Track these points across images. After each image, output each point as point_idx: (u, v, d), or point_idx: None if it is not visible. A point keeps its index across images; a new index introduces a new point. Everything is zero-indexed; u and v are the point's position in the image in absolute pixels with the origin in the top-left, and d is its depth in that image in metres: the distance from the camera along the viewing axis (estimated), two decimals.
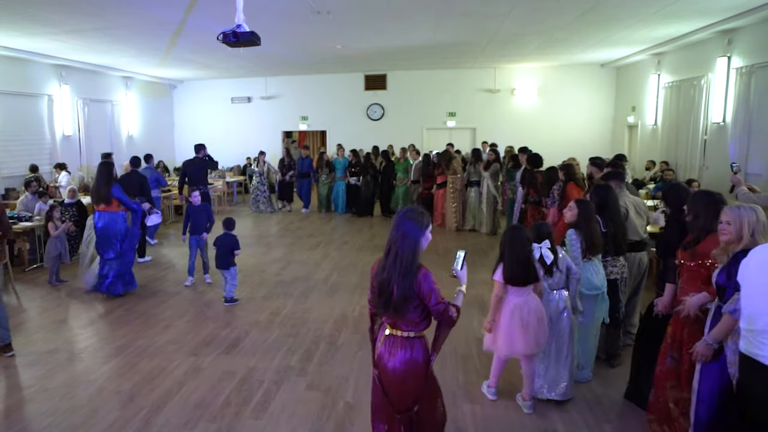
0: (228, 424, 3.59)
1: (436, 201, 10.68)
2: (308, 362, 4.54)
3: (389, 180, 11.64)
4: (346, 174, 12.08)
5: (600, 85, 14.13)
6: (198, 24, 8.11)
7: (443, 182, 10.37)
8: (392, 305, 2.52)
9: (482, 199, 9.95)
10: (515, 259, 3.52)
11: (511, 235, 3.58)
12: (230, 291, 6.07)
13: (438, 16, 8.15)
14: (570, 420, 3.61)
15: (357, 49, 11.09)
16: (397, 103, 15.18)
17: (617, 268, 4.30)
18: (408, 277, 2.49)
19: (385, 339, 2.66)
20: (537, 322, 3.55)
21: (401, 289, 2.49)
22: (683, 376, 3.12)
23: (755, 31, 8.07)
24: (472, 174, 10.08)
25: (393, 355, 2.61)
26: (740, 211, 2.74)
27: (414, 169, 11.24)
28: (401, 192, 11.56)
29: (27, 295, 6.50)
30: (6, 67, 10.21)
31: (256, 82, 15.84)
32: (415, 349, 2.61)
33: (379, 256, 2.70)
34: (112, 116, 13.57)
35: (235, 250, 6.05)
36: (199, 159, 9.47)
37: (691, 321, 3.10)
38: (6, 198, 10.00)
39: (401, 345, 2.61)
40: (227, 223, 6.13)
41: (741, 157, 8.26)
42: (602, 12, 7.81)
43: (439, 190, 10.58)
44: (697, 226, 3.12)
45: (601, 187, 4.43)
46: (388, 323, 2.65)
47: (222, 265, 6.03)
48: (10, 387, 4.14)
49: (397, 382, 2.61)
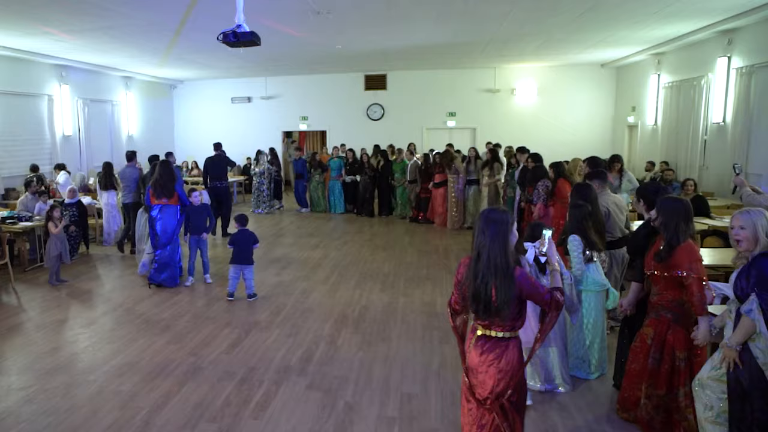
0: (228, 424, 3.59)
1: (434, 200, 10.70)
2: (308, 362, 4.54)
3: (387, 179, 11.68)
4: (341, 173, 12.15)
5: (600, 85, 14.13)
6: (198, 24, 8.11)
7: (441, 182, 10.39)
8: (494, 311, 2.46)
9: (482, 197, 10.02)
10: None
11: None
12: (252, 288, 6.17)
13: (438, 16, 8.15)
14: (570, 420, 3.61)
15: (357, 49, 11.09)
16: (397, 103, 15.18)
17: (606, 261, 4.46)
18: (506, 281, 2.43)
19: (477, 340, 2.59)
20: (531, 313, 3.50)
21: (502, 293, 2.43)
22: (662, 377, 3.23)
23: (755, 31, 8.07)
24: (470, 173, 10.13)
25: (487, 358, 2.55)
26: (751, 216, 2.75)
27: (410, 169, 11.28)
28: (399, 192, 11.61)
29: (27, 295, 6.49)
30: (6, 67, 10.22)
31: (256, 82, 15.84)
32: (510, 350, 2.55)
33: (379, 255, 2.71)
34: (112, 116, 13.58)
35: (255, 244, 6.16)
36: (219, 156, 9.93)
37: (674, 324, 3.18)
38: (6, 198, 10.01)
39: (496, 347, 2.55)
40: (240, 219, 6.20)
41: (741, 157, 8.27)
42: (602, 12, 7.81)
43: (437, 190, 10.58)
44: (667, 233, 3.13)
45: (583, 186, 4.53)
46: (481, 324, 2.58)
47: (245, 261, 6.10)
48: (11, 387, 4.14)
49: (490, 381, 2.54)
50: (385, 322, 5.47)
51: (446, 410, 3.74)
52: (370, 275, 7.19)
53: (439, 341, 4.95)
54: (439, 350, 4.76)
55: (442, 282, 6.85)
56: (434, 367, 4.42)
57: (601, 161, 6.05)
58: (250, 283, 6.17)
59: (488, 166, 9.87)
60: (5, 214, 7.79)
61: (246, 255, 6.09)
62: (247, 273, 6.15)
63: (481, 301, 2.47)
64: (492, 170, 9.80)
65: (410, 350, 4.77)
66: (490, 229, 2.47)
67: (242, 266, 6.12)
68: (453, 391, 4.01)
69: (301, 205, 12.74)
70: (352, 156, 12.28)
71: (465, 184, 10.17)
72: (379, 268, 7.55)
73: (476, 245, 2.51)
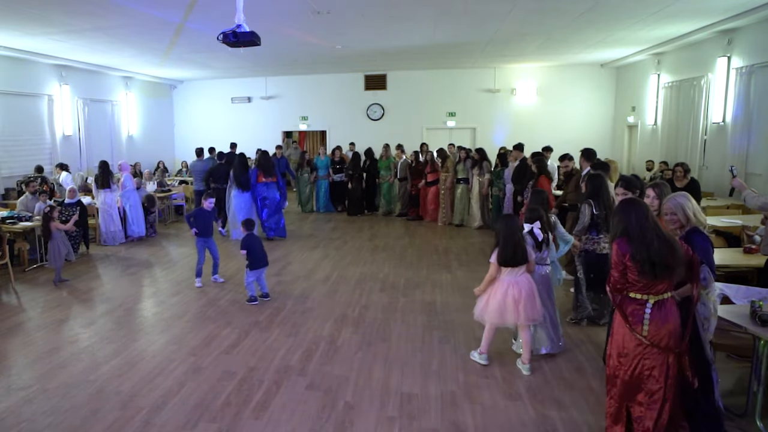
0: (228, 424, 3.59)
1: (425, 198, 11.12)
2: (308, 362, 4.54)
3: (373, 178, 12.07)
4: (328, 173, 12.35)
5: (600, 85, 14.13)
6: (198, 24, 8.11)
7: (433, 180, 10.85)
8: (677, 273, 2.92)
9: (471, 195, 10.47)
10: (508, 244, 4.12)
11: (505, 224, 4.23)
12: (265, 286, 6.19)
13: (438, 16, 8.15)
14: (570, 420, 3.61)
15: (357, 49, 11.09)
16: (397, 103, 15.18)
17: (608, 244, 4.80)
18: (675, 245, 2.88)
19: (655, 306, 2.92)
20: (527, 298, 4.12)
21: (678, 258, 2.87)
22: None
23: (755, 31, 8.08)
24: (459, 172, 10.54)
25: (667, 316, 2.92)
26: (678, 200, 3.28)
27: (400, 167, 11.70)
28: (385, 189, 12.03)
29: (27, 295, 6.50)
30: (6, 67, 10.22)
31: (256, 82, 15.84)
32: (674, 303, 2.98)
33: (379, 255, 2.73)
34: (112, 116, 13.58)
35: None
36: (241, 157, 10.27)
37: None
38: (6, 198, 10.01)
39: (670, 305, 2.95)
40: (248, 224, 6.15)
41: (741, 156, 8.27)
42: (602, 12, 7.81)
43: (428, 188, 11.03)
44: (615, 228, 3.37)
45: (595, 176, 5.15)
46: (652, 293, 2.92)
47: (265, 263, 6.06)
48: (11, 387, 4.14)
49: (676, 335, 2.92)
50: (385, 322, 5.47)
51: (446, 410, 3.74)
52: (370, 275, 7.19)
53: (439, 341, 4.95)
54: (439, 350, 4.76)
55: (442, 282, 6.85)
56: (434, 367, 4.42)
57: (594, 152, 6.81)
58: (265, 281, 6.20)
59: (477, 166, 10.34)
60: (5, 214, 7.80)
61: (264, 258, 6.05)
62: (263, 274, 6.16)
63: (660, 266, 2.85)
64: (481, 170, 10.28)
65: (410, 350, 4.77)
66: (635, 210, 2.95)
67: (263, 269, 6.08)
68: (453, 391, 4.01)
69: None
70: (340, 155, 12.53)
71: (454, 182, 10.64)
72: (379, 268, 7.56)
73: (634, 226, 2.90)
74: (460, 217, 10.66)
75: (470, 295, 5.90)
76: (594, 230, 5.03)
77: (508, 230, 4.15)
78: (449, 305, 5.96)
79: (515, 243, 4.12)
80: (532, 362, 4.34)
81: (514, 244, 4.11)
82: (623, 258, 2.92)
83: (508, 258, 4.12)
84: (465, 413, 3.71)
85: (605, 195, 4.99)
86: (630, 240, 2.90)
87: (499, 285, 4.20)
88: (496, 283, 4.23)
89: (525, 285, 4.16)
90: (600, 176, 5.14)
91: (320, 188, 12.52)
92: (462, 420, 3.62)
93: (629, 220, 2.93)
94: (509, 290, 4.14)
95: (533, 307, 4.15)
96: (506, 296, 4.13)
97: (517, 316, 4.12)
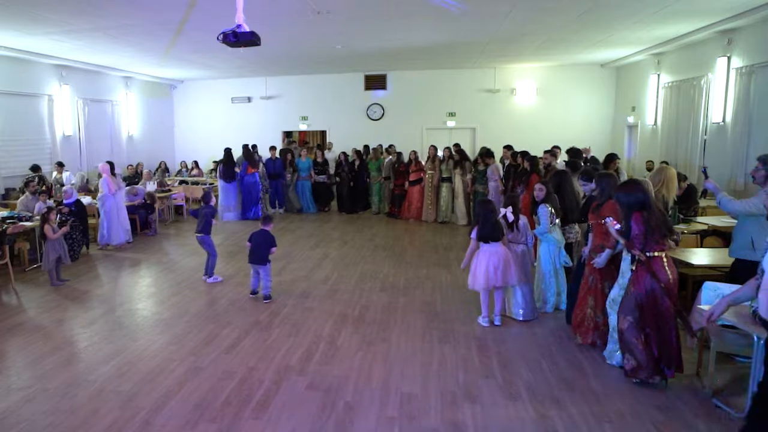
0: (228, 424, 3.59)
1: (410, 197, 11.43)
2: (308, 362, 4.54)
3: (363, 177, 12.29)
4: (310, 173, 12.50)
5: (600, 85, 14.12)
6: (198, 24, 8.11)
7: (416, 179, 11.24)
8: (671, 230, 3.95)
9: (455, 194, 10.93)
10: (485, 223, 5.06)
11: (482, 207, 5.20)
12: (267, 288, 6.15)
13: (438, 16, 8.14)
14: (570, 420, 3.61)
15: (357, 49, 11.09)
16: (397, 103, 15.17)
17: (573, 234, 5.70)
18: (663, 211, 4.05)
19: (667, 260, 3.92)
20: (504, 264, 5.04)
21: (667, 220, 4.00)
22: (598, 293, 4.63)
23: (755, 31, 8.07)
24: (443, 171, 10.96)
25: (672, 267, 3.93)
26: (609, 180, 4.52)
27: (385, 166, 12.00)
28: (376, 188, 12.26)
29: (27, 295, 6.50)
30: (6, 67, 10.22)
31: (256, 82, 15.83)
32: None
33: (379, 255, 2.73)
34: (112, 116, 13.57)
35: (272, 247, 6.12)
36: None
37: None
38: (6, 198, 10.01)
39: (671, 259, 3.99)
40: (265, 219, 6.19)
41: (741, 157, 8.27)
42: (602, 12, 7.81)
43: (412, 187, 11.37)
44: (602, 196, 4.55)
45: (558, 173, 5.91)
46: (662, 249, 3.88)
47: (258, 261, 6.07)
48: (11, 387, 4.14)
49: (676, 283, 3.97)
50: (385, 322, 5.47)
51: (446, 410, 3.74)
52: (370, 275, 7.19)
53: (439, 341, 4.96)
54: (439, 350, 4.76)
55: (442, 282, 6.85)
56: (434, 367, 4.42)
57: (580, 151, 7.67)
58: (266, 283, 6.15)
59: (459, 166, 10.77)
60: (5, 214, 7.80)
61: (260, 255, 6.05)
62: (263, 273, 6.14)
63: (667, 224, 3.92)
64: (463, 169, 10.70)
65: (410, 350, 4.77)
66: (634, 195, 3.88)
67: (257, 266, 6.11)
68: (453, 390, 4.01)
69: (279, 206, 12.61)
70: (322, 155, 12.69)
71: (439, 181, 11.03)
72: (379, 267, 7.56)
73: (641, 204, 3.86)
74: (444, 215, 11.09)
75: (470, 296, 5.91)
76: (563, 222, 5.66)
77: (485, 212, 5.10)
78: (449, 305, 5.97)
79: (492, 222, 5.06)
80: (529, 359, 4.47)
81: (490, 223, 5.05)
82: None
83: (486, 234, 5.06)
84: (465, 413, 3.71)
85: (569, 189, 5.65)
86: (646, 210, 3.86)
87: (482, 255, 5.10)
88: (480, 255, 5.12)
89: (502, 254, 5.07)
90: (563, 173, 5.81)
91: (304, 189, 12.60)
92: (462, 420, 3.62)
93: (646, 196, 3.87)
94: (490, 259, 5.05)
95: (508, 272, 5.05)
96: (488, 264, 5.03)
97: (496, 280, 5.02)
